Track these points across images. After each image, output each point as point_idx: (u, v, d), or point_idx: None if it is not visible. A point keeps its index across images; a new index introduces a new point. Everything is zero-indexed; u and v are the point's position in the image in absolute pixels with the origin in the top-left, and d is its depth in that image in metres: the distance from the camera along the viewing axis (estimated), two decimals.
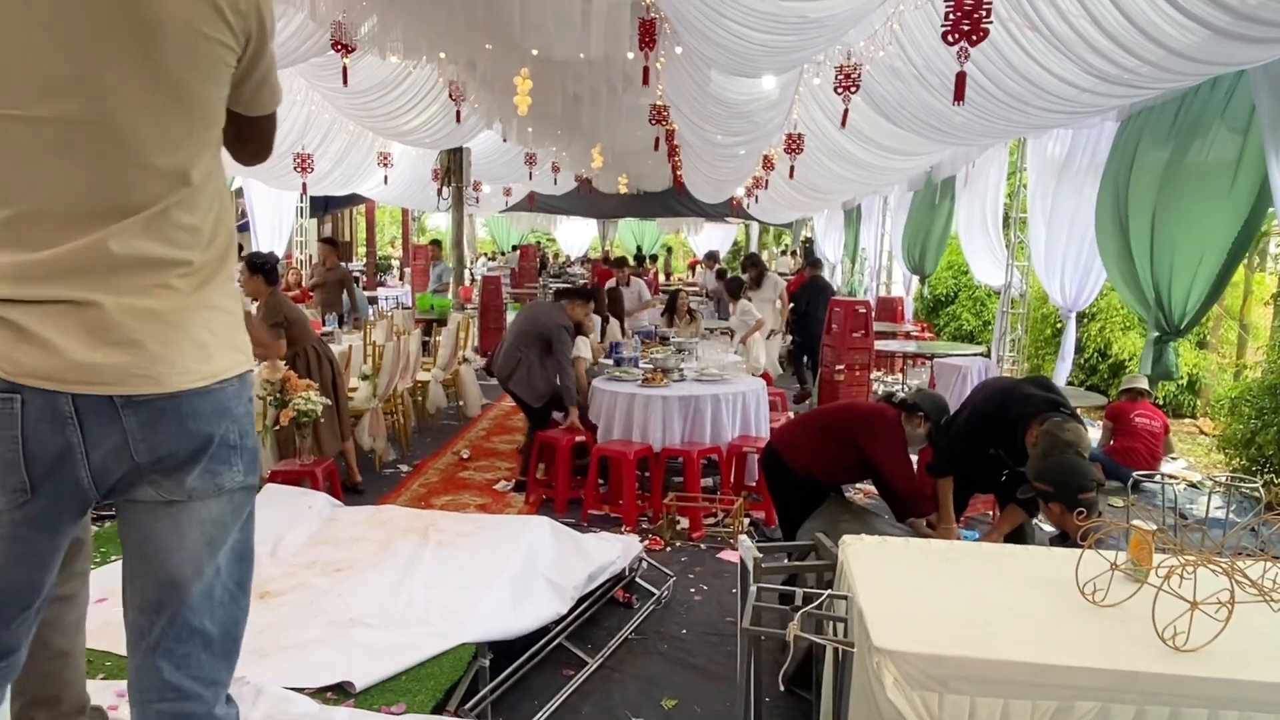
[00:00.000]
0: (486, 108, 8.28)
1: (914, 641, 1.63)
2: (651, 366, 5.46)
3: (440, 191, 11.86)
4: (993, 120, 5.32)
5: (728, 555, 4.38)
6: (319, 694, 2.41)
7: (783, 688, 2.64)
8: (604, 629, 3.43)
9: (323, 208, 14.01)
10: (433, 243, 12.32)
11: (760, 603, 2.12)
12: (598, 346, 6.51)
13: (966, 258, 9.86)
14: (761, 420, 5.28)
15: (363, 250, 18.78)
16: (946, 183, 9.64)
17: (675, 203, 18.09)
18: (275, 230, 11.17)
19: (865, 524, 3.31)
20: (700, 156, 10.38)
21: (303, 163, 9.03)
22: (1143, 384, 5.88)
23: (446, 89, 7.64)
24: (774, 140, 8.18)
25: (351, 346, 6.15)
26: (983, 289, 11.34)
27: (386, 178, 10.97)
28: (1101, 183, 6.20)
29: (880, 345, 8.39)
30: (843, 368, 7.24)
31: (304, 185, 9.59)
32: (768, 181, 11.78)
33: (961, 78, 4.03)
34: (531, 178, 12.99)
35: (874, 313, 7.87)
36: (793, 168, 8.20)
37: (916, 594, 1.88)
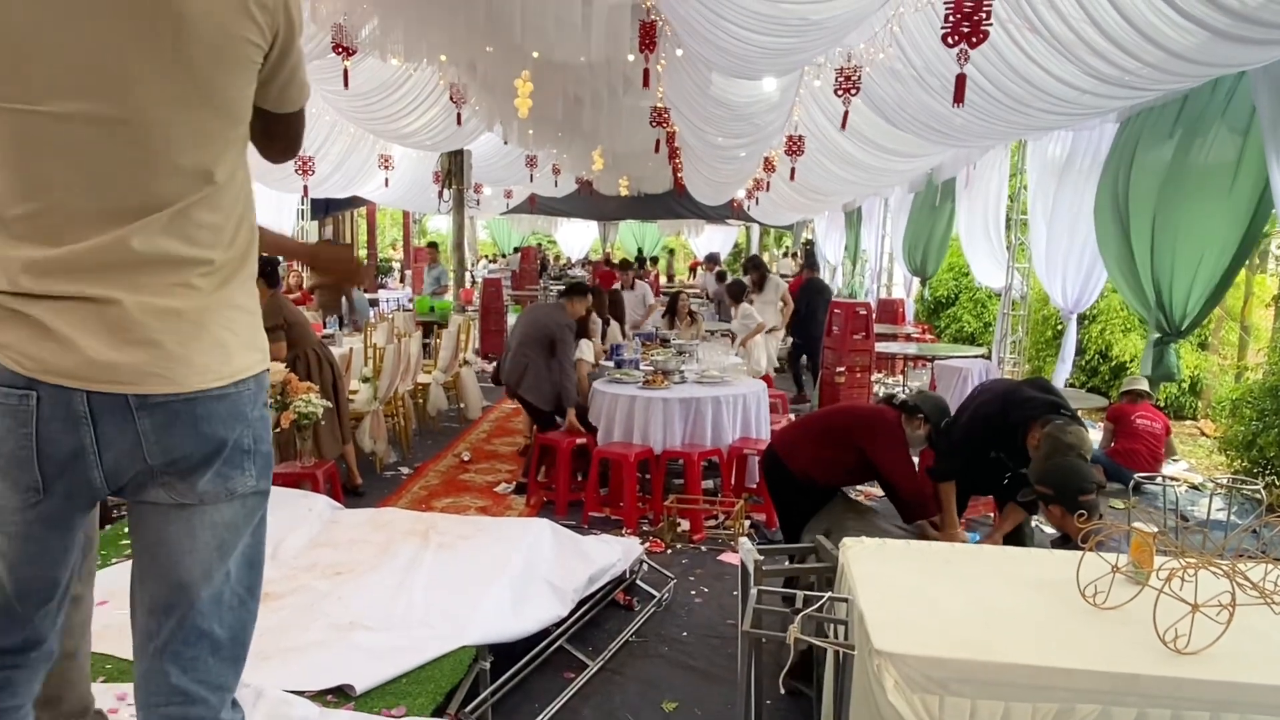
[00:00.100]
0: (487, 110, 8.30)
1: (915, 644, 1.63)
2: (652, 368, 5.45)
3: (441, 194, 11.88)
4: (993, 122, 5.32)
5: (728, 557, 4.37)
6: (319, 697, 2.41)
7: (783, 690, 2.64)
8: (605, 631, 3.43)
9: (323, 210, 14.01)
10: (429, 245, 12.33)
11: (761, 605, 2.12)
12: (599, 349, 6.51)
13: (967, 259, 9.86)
14: (762, 422, 5.28)
15: (364, 253, 18.79)
16: (947, 184, 9.63)
17: (676, 205, 18.10)
18: (276, 233, 11.18)
19: (870, 523, 3.31)
20: (701, 158, 10.39)
21: (304, 165, 9.05)
22: (1144, 386, 5.88)
23: (447, 91, 7.66)
24: (775, 142, 8.18)
25: (352, 349, 6.15)
26: (984, 291, 11.34)
27: (387, 180, 10.99)
28: (1101, 183, 6.20)
29: (881, 347, 8.38)
30: (843, 370, 7.24)
31: (305, 188, 9.61)
32: (768, 183, 11.78)
33: (961, 80, 4.03)
34: (532, 180, 13.00)
35: (875, 315, 7.87)
36: (793, 170, 8.20)
37: (917, 596, 1.88)
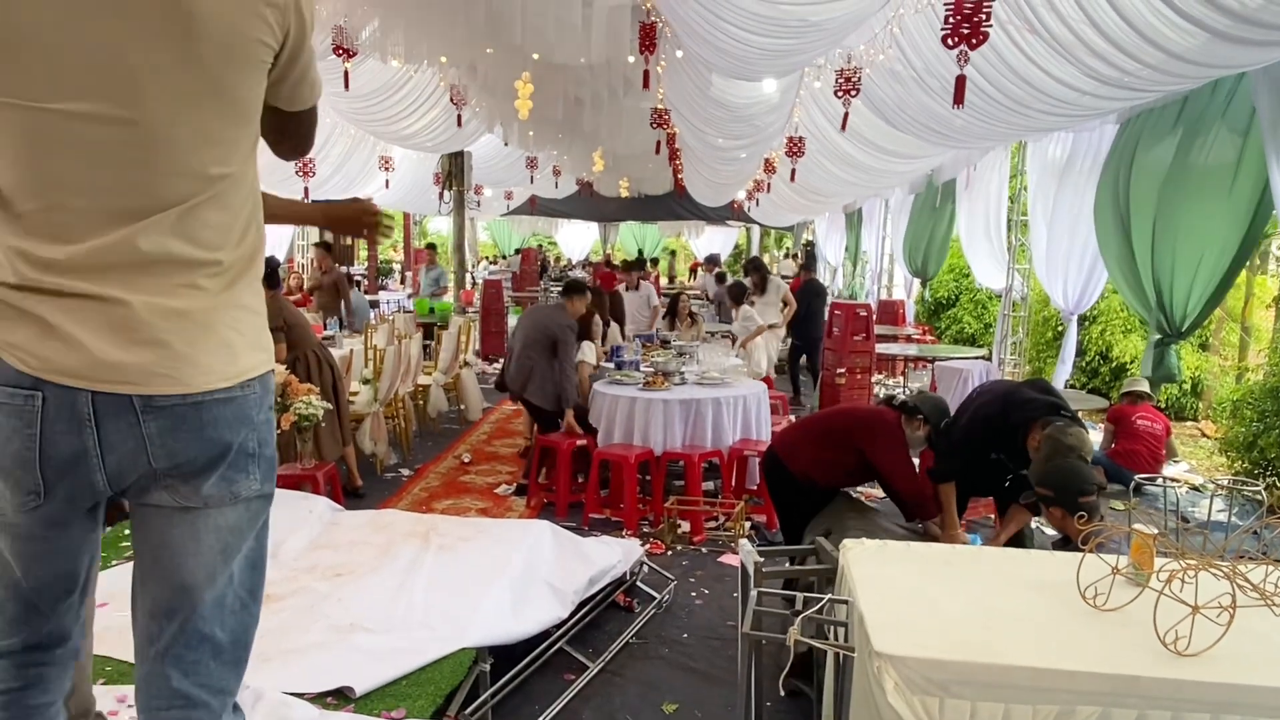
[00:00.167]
0: (488, 112, 8.30)
1: (915, 646, 1.63)
2: (652, 370, 5.45)
3: (441, 195, 11.89)
4: (993, 123, 5.32)
5: (729, 559, 4.37)
6: (319, 699, 2.41)
7: (783, 691, 2.64)
8: (605, 633, 3.43)
9: None
10: (428, 246, 12.33)
11: (761, 607, 2.12)
12: (600, 351, 6.50)
13: (968, 260, 9.85)
14: (763, 423, 5.28)
15: (364, 254, 18.78)
16: (948, 186, 9.63)
17: (676, 206, 18.11)
18: (276, 234, 11.20)
19: (871, 522, 3.32)
20: (701, 160, 10.40)
21: (304, 167, 9.06)
22: (1144, 387, 5.88)
23: (448, 93, 7.66)
24: (775, 143, 8.19)
25: (352, 350, 6.15)
26: (984, 292, 11.34)
27: (388, 182, 10.99)
28: (1101, 184, 6.19)
29: (881, 348, 8.39)
30: (844, 371, 7.24)
31: (305, 189, 9.61)
32: (769, 185, 11.79)
33: (961, 81, 4.03)
34: (533, 181, 13.01)
35: (875, 316, 7.87)
36: (794, 171, 8.20)
37: (917, 598, 1.88)
